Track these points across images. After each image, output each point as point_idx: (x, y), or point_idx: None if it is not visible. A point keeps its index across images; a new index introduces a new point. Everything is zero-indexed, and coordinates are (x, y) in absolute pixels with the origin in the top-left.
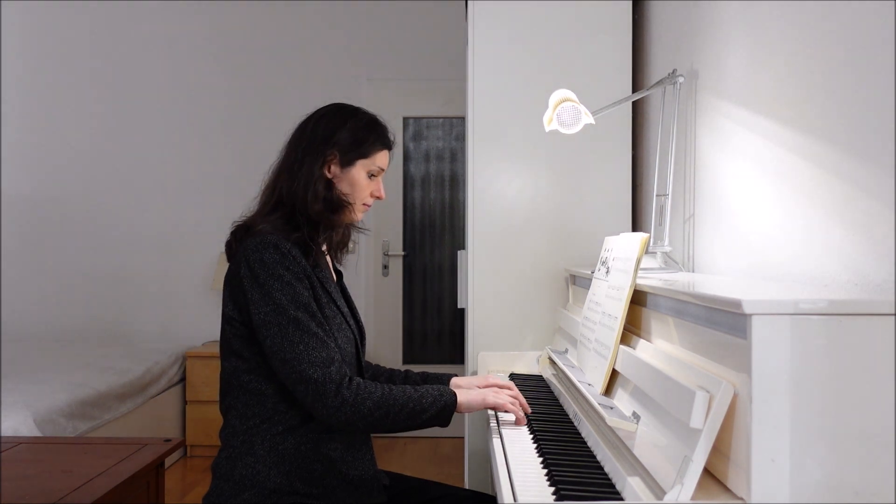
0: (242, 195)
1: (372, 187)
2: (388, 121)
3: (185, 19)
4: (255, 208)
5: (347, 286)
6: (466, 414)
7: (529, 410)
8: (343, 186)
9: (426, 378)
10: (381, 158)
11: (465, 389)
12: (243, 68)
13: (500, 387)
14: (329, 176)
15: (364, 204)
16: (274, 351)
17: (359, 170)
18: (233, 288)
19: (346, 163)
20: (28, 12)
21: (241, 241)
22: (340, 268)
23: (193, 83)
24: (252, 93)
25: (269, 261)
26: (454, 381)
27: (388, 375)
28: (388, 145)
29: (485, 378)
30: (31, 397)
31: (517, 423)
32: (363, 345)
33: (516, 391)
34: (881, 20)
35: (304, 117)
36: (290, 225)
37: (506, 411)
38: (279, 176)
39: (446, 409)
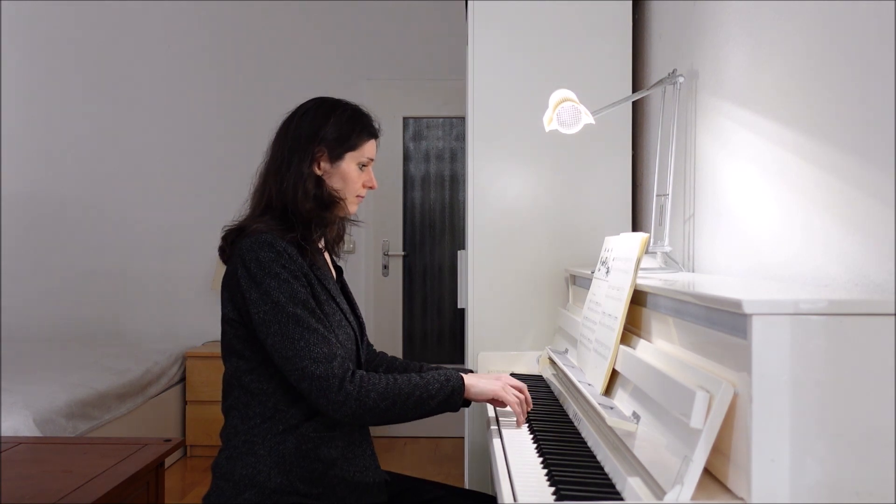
0: (242, 195)
1: (363, 178)
2: (385, 119)
3: (186, 20)
4: (245, 212)
5: (347, 285)
6: (467, 414)
7: (527, 411)
8: (334, 181)
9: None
10: (368, 148)
11: (476, 375)
12: (243, 68)
13: (513, 386)
14: (319, 173)
15: (357, 196)
16: (276, 349)
17: (349, 163)
18: (231, 289)
19: (335, 157)
20: (28, 12)
21: (233, 243)
22: (340, 264)
23: (193, 83)
24: (252, 93)
25: (265, 259)
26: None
27: (403, 367)
28: (374, 134)
29: (497, 376)
30: (31, 397)
31: (518, 424)
32: (363, 341)
33: (522, 388)
34: (881, 20)
35: (285, 115)
36: (284, 225)
37: (511, 408)
38: (267, 178)
39: (454, 393)
